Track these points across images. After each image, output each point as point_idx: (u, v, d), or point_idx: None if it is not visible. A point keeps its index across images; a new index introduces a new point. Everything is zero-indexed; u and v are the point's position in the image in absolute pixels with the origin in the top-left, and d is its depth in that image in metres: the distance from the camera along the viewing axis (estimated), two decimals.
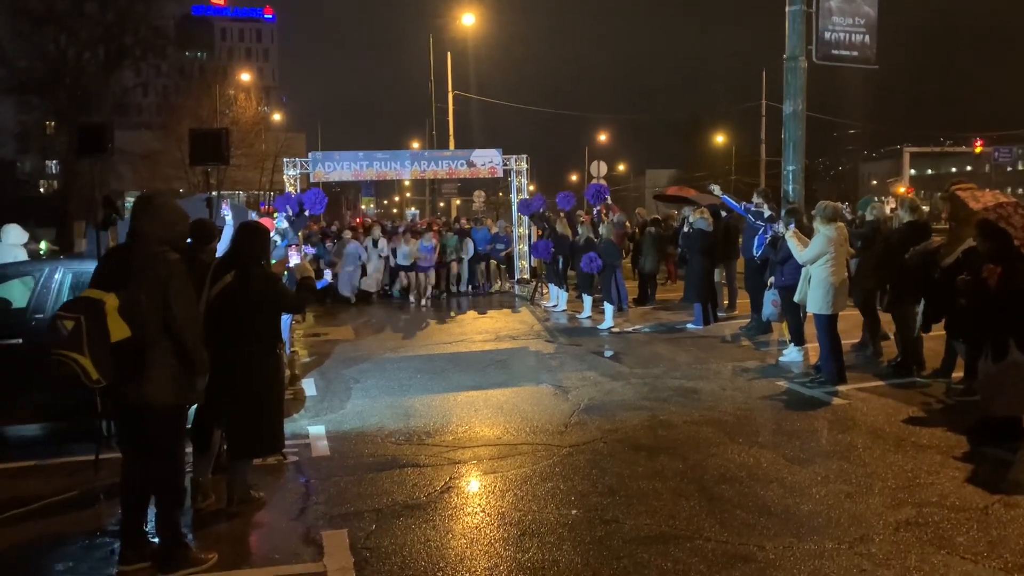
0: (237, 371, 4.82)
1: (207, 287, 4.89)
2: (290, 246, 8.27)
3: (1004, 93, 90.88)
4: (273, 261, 6.42)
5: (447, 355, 10.45)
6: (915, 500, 4.94)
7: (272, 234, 8.65)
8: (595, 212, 13.58)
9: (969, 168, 72.88)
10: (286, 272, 7.14)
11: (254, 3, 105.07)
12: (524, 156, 17.97)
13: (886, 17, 14.31)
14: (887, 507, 4.83)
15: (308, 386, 8.67)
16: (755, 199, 11.00)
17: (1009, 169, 70.21)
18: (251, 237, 5.08)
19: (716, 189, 12.20)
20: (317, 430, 6.89)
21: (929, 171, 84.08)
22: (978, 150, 43.37)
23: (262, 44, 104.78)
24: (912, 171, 49.76)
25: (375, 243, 16.40)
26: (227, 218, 7.00)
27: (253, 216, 9.34)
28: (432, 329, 12.77)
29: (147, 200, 4.33)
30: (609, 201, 14.41)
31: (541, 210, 14.97)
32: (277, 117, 57.16)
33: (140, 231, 4.21)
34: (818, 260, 7.89)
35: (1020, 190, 74.86)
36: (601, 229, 12.40)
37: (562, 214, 14.23)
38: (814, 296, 7.95)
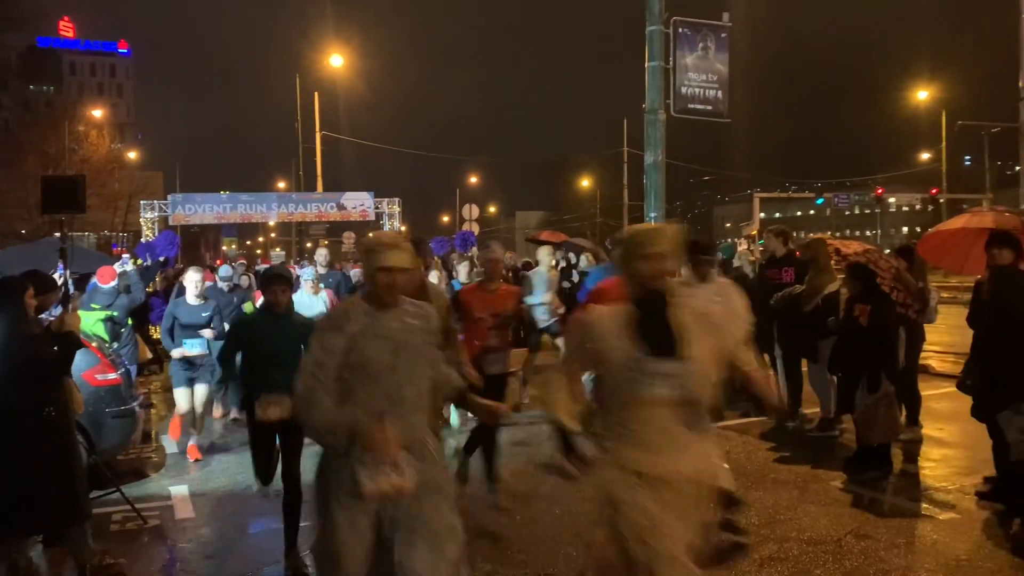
0: (17, 441, 4.40)
1: None
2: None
3: (844, 143, 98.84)
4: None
5: None
6: (776, 536, 5.19)
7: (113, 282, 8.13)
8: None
9: (812, 212, 78.44)
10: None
11: (108, 36, 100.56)
12: (396, 199, 17.98)
13: (738, 70, 15.33)
14: (751, 543, 5.06)
15: (168, 443, 8.22)
16: None
17: (847, 213, 76.02)
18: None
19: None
20: (180, 490, 6.54)
21: (777, 214, 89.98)
22: (820, 200, 46.78)
23: (116, 79, 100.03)
24: (762, 214, 53.04)
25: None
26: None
27: (127, 262, 8.81)
28: None
29: None
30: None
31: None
32: (132, 155, 54.67)
33: None
34: None
35: (856, 232, 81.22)
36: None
37: (438, 259, 14.25)
38: None
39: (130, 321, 8.85)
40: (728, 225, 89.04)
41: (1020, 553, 4.83)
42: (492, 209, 78.28)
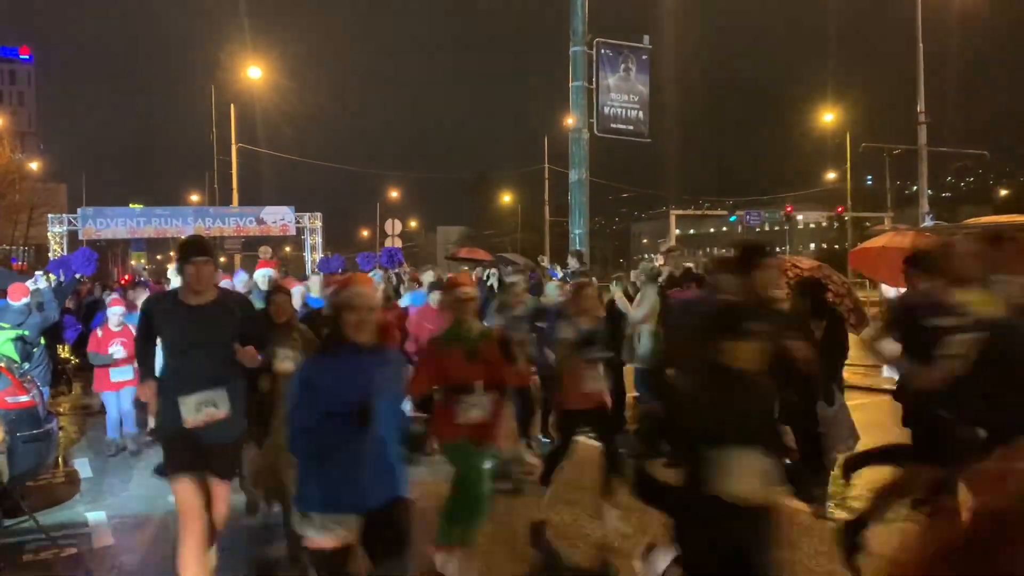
0: None
1: None
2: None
3: (755, 162, 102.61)
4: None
5: None
6: None
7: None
8: (395, 273, 13.63)
9: (725, 229, 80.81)
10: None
11: (8, 42, 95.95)
12: (318, 214, 17.74)
13: (657, 91, 15.74)
14: None
15: (82, 467, 7.89)
16: (570, 261, 11.56)
17: (758, 230, 78.74)
18: None
19: (544, 260, 12.71)
20: (97, 516, 6.27)
21: (692, 231, 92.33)
22: (732, 218, 48.33)
23: (16, 87, 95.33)
24: (677, 231, 54.45)
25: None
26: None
27: (39, 279, 8.38)
28: None
29: None
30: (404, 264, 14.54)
31: (340, 270, 14.81)
32: (34, 166, 52.19)
33: None
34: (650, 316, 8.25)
35: (768, 248, 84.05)
36: (402, 290, 12.44)
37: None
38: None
39: (43, 340, 8.46)
40: (645, 241, 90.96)
41: None
42: (413, 224, 77.97)
